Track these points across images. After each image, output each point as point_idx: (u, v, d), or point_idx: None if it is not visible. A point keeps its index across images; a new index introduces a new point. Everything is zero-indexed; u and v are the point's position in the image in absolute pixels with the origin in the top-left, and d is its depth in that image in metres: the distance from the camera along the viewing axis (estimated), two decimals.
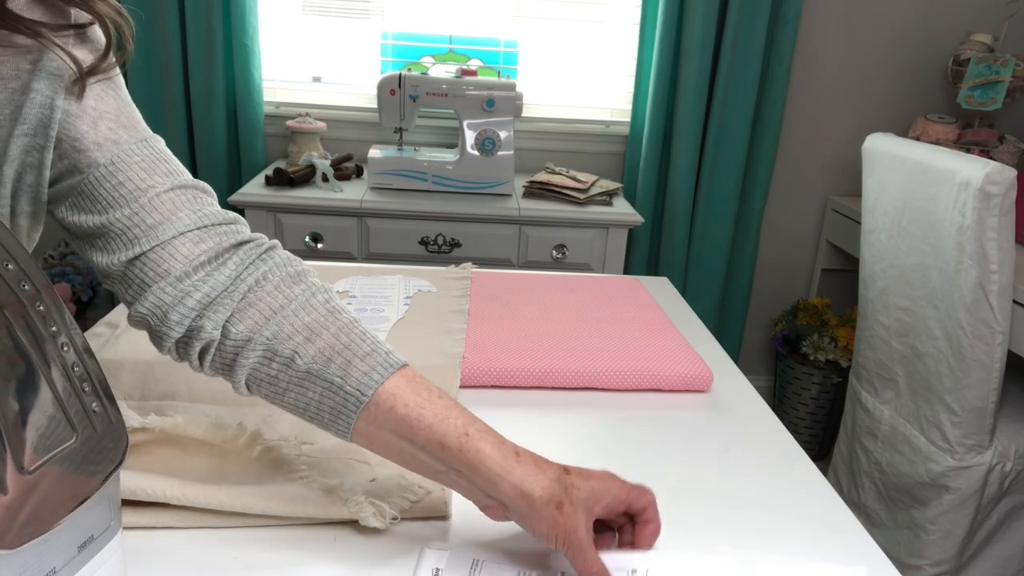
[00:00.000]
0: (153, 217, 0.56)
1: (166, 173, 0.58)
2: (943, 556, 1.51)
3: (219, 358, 0.57)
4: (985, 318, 1.34)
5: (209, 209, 0.60)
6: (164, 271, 0.56)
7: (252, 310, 0.56)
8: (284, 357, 0.55)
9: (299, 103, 2.21)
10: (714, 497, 0.68)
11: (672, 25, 2.05)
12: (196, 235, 0.57)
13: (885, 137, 1.58)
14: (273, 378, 0.56)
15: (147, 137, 0.59)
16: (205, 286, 0.56)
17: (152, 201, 0.57)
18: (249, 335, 0.56)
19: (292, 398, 0.56)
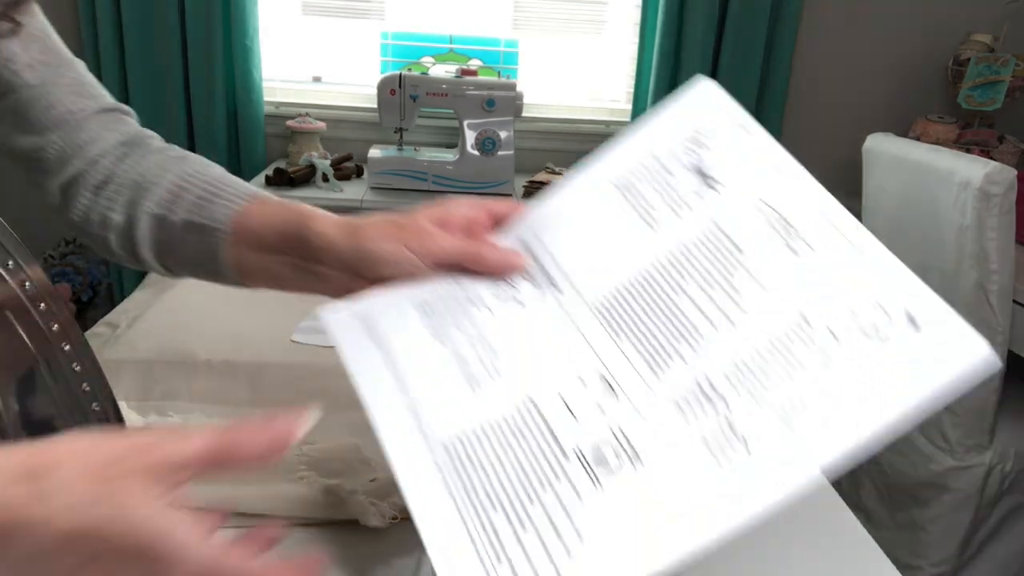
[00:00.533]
0: (82, 137, 0.61)
1: (92, 97, 0.63)
2: (943, 556, 1.51)
3: (127, 241, 0.60)
4: (985, 318, 1.34)
5: (130, 128, 0.64)
6: (89, 184, 0.61)
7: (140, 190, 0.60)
8: (165, 219, 0.59)
9: (299, 103, 2.21)
10: None
11: (672, 25, 2.05)
12: (119, 149, 0.62)
13: (885, 137, 1.58)
14: (166, 242, 0.59)
15: (71, 61, 0.63)
16: (112, 184, 0.61)
17: (81, 123, 0.61)
18: (138, 210, 0.60)
19: (185, 258, 0.60)
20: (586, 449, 0.40)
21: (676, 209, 0.47)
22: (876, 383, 0.37)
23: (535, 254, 0.50)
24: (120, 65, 2.02)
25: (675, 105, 0.51)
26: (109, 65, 2.01)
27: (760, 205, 0.45)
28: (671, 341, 0.43)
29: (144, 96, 2.05)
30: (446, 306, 0.48)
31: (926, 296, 0.39)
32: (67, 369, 0.42)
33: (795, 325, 0.40)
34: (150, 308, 0.93)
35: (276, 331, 0.89)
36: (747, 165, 0.47)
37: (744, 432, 0.38)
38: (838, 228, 0.43)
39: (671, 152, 0.49)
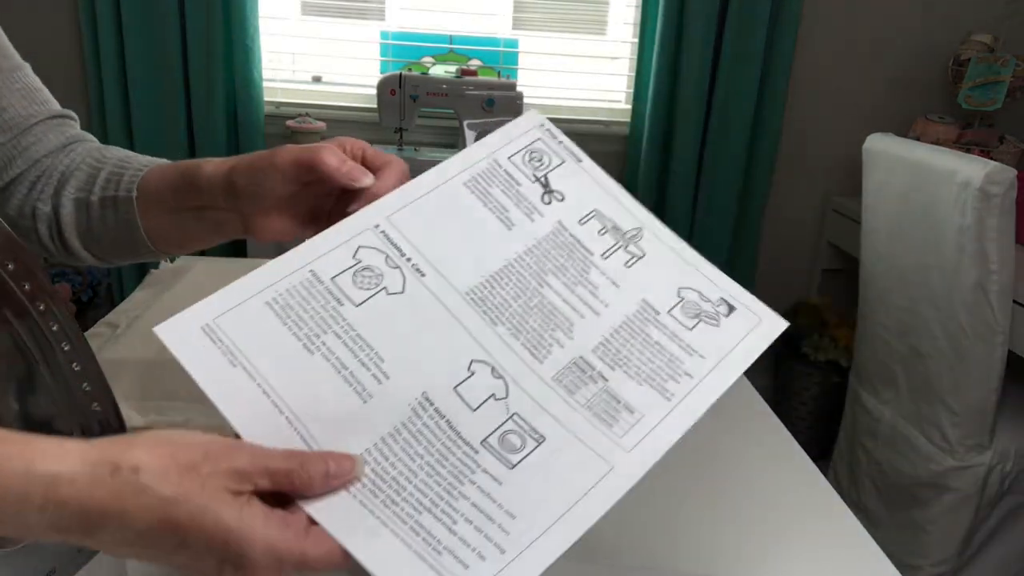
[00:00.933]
0: (27, 140, 0.62)
1: (42, 102, 0.64)
2: (943, 556, 1.51)
3: (56, 232, 0.62)
4: (985, 318, 1.34)
5: (72, 132, 0.66)
6: (25, 181, 0.63)
7: (63, 179, 0.62)
8: (84, 201, 0.61)
9: (299, 103, 2.21)
10: (714, 497, 0.68)
11: (672, 25, 2.05)
12: (58, 154, 0.64)
13: (885, 137, 1.58)
14: (88, 227, 0.61)
15: (22, 65, 0.64)
16: (43, 179, 0.63)
17: (30, 129, 0.63)
18: (61, 198, 0.62)
19: (106, 238, 0.61)
20: (493, 439, 0.42)
21: (528, 213, 0.52)
22: (718, 351, 0.48)
23: (391, 238, 0.49)
24: (120, 65, 2.02)
25: (510, 128, 0.57)
26: (109, 65, 2.01)
27: (597, 214, 0.54)
28: (547, 328, 0.47)
29: (144, 96, 2.05)
30: (306, 304, 0.44)
31: (732, 285, 0.52)
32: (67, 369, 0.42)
33: (644, 312, 0.49)
34: (150, 308, 0.93)
35: None
36: (581, 183, 0.55)
37: (626, 399, 0.45)
38: (659, 236, 0.53)
39: (513, 163, 0.54)
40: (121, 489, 0.33)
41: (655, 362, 0.47)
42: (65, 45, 2.09)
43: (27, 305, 0.40)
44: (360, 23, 2.22)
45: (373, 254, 0.47)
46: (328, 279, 0.45)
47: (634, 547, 0.60)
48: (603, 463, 0.43)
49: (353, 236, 0.48)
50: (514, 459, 0.42)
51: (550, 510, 0.40)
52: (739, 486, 0.69)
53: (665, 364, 0.47)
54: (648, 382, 0.46)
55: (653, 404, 0.45)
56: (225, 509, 0.34)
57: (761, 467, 0.73)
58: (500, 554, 0.38)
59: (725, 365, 0.47)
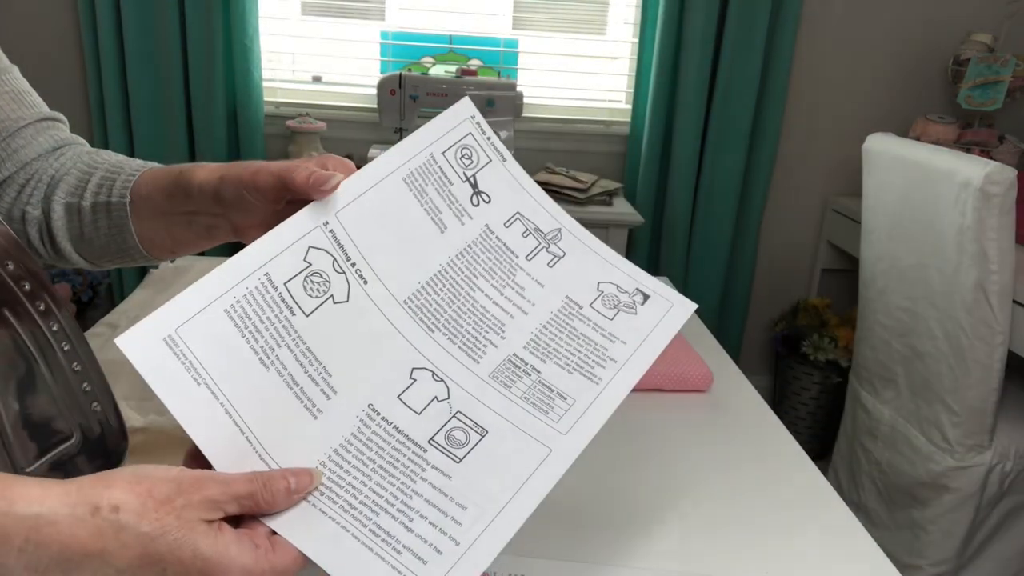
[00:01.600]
0: (17, 143, 0.63)
1: (31, 105, 0.65)
2: (943, 556, 1.51)
3: (47, 234, 0.63)
4: (985, 318, 1.34)
5: (62, 135, 0.66)
6: (14, 183, 0.63)
7: (54, 184, 0.63)
8: (75, 206, 0.61)
9: (299, 103, 2.21)
10: (714, 497, 0.68)
11: (672, 25, 2.05)
12: (48, 157, 0.64)
13: (885, 137, 1.58)
14: (79, 231, 0.62)
15: (9, 68, 0.64)
16: (33, 182, 0.63)
17: (20, 131, 0.63)
18: (52, 202, 0.62)
19: (98, 242, 0.62)
20: (439, 437, 0.46)
21: (459, 216, 0.55)
22: (637, 336, 0.53)
23: (337, 238, 0.50)
24: (120, 65, 2.02)
25: (442, 118, 0.58)
26: (109, 65, 2.01)
27: (520, 217, 0.58)
28: (480, 331, 0.52)
29: (144, 96, 2.05)
30: (262, 313, 0.45)
31: (645, 277, 0.58)
32: (67, 369, 0.42)
33: (569, 307, 0.54)
34: (150, 308, 0.93)
35: None
36: (505, 184, 0.58)
37: (559, 387, 0.50)
38: (575, 235, 0.58)
39: (446, 159, 0.57)
40: (102, 528, 0.34)
41: (582, 352, 0.52)
42: (65, 45, 2.09)
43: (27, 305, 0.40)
44: (360, 23, 2.22)
45: (322, 256, 0.49)
46: (281, 284, 0.47)
47: (634, 547, 0.60)
48: (542, 447, 0.46)
49: (303, 235, 0.48)
50: (460, 453, 0.45)
51: (498, 497, 0.43)
52: (739, 486, 0.69)
53: (591, 352, 0.52)
54: (577, 370, 0.51)
55: (583, 389, 0.50)
56: (201, 539, 0.36)
57: (761, 467, 0.73)
58: (455, 546, 0.41)
59: (645, 347, 0.53)
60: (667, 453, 0.74)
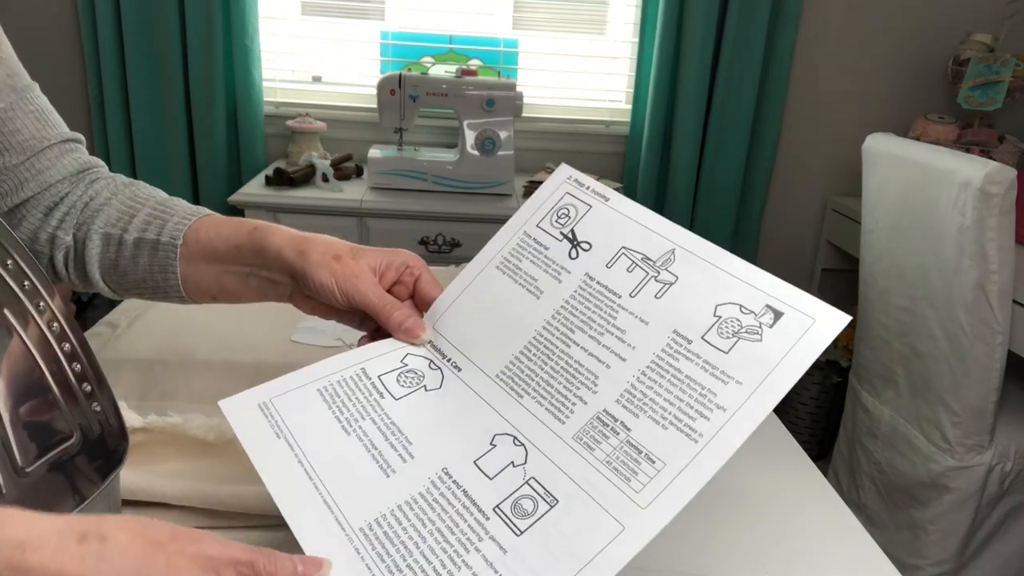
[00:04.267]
0: (41, 164, 0.63)
1: (55, 124, 0.65)
2: (943, 556, 1.51)
3: (76, 261, 0.63)
4: (985, 318, 1.34)
5: (83, 157, 0.67)
6: (39, 206, 0.63)
7: (90, 212, 0.63)
8: (116, 238, 0.62)
9: (299, 103, 2.21)
10: (713, 497, 0.68)
11: (672, 25, 2.05)
12: (72, 179, 0.65)
13: (885, 137, 1.58)
14: (114, 262, 0.62)
15: (32, 85, 0.64)
16: (62, 206, 0.64)
17: (44, 151, 0.63)
18: (88, 231, 0.62)
19: (134, 275, 0.62)
20: (505, 506, 0.43)
21: (555, 275, 0.53)
22: (758, 371, 0.43)
23: (436, 346, 0.53)
24: (120, 65, 2.02)
25: (540, 192, 0.57)
26: (109, 65, 2.01)
27: (624, 251, 0.52)
28: (570, 389, 0.47)
29: (144, 96, 2.05)
30: (352, 394, 0.49)
31: (779, 287, 0.46)
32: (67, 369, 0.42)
33: (674, 343, 0.46)
34: (150, 308, 0.93)
35: (276, 331, 0.89)
36: (608, 222, 0.54)
37: (648, 449, 0.43)
38: (694, 252, 0.49)
39: (542, 229, 0.55)
40: (85, 556, 0.33)
41: (684, 399, 0.44)
42: (65, 45, 2.09)
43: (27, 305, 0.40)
44: (360, 23, 2.21)
45: (418, 360, 0.52)
46: (375, 376, 0.50)
47: None
48: (615, 524, 0.41)
49: (403, 346, 0.53)
50: (523, 525, 0.42)
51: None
52: (738, 486, 0.69)
53: (695, 400, 0.44)
54: (675, 424, 0.43)
55: (677, 449, 0.42)
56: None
57: (761, 467, 0.73)
58: None
59: (766, 387, 0.43)
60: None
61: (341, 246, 0.57)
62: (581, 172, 0.57)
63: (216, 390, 0.75)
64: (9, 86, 0.61)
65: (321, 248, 0.56)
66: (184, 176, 2.12)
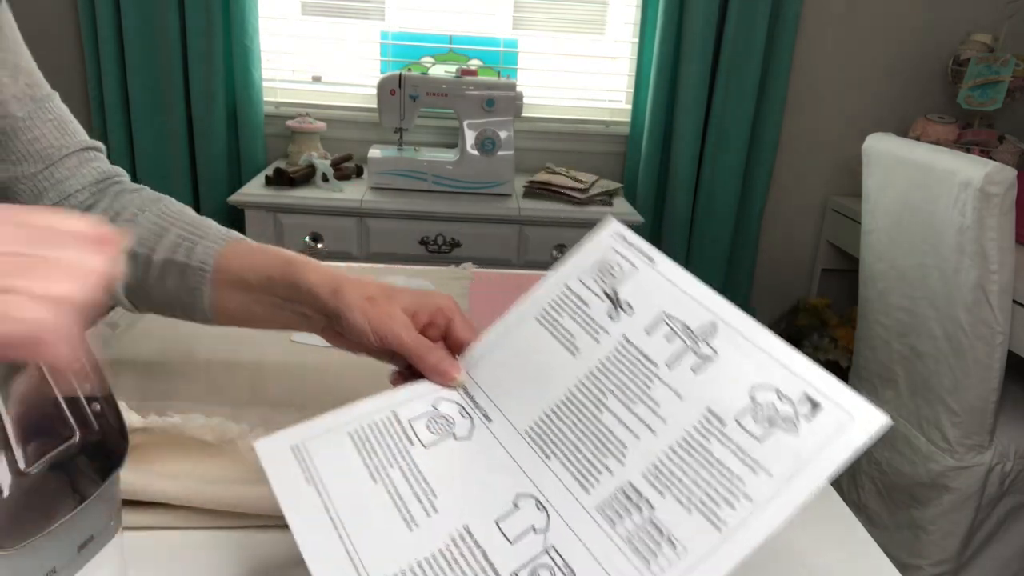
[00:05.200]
0: (60, 174, 0.63)
1: (73, 133, 0.65)
2: (943, 556, 1.51)
3: None
4: (985, 318, 1.34)
5: (103, 166, 0.67)
6: None
7: (115, 226, 0.62)
8: (143, 257, 0.61)
9: (299, 103, 2.21)
10: None
11: (672, 25, 2.05)
12: (91, 189, 0.64)
13: (885, 137, 1.58)
14: (140, 281, 0.62)
15: (52, 94, 0.65)
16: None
17: (63, 160, 0.63)
18: None
19: (159, 295, 0.62)
20: (523, 573, 0.42)
21: (593, 334, 0.52)
22: (790, 464, 0.41)
23: (469, 391, 0.53)
24: (120, 65, 2.02)
25: (586, 244, 0.56)
26: (109, 65, 2.01)
27: (666, 318, 0.50)
28: (598, 456, 0.46)
29: (144, 96, 2.05)
30: (382, 439, 0.49)
31: (819, 376, 0.44)
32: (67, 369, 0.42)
33: (707, 423, 0.44)
34: None
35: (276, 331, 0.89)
36: (652, 286, 0.52)
37: (670, 531, 0.41)
38: (735, 327, 0.47)
39: (584, 284, 0.54)
40: None
41: (712, 483, 0.42)
42: (65, 45, 2.09)
43: None
44: (360, 23, 2.22)
45: (450, 405, 0.52)
46: (406, 420, 0.50)
47: None
48: None
49: (436, 390, 0.53)
50: None
51: None
52: None
53: (722, 486, 0.42)
54: (700, 508, 0.42)
55: (700, 535, 0.41)
56: None
57: None
58: None
59: (798, 482, 0.40)
60: None
61: (375, 287, 0.57)
62: (628, 229, 0.55)
63: (216, 390, 0.75)
64: (28, 95, 0.61)
65: (355, 289, 0.56)
66: (184, 176, 2.12)
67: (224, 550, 0.56)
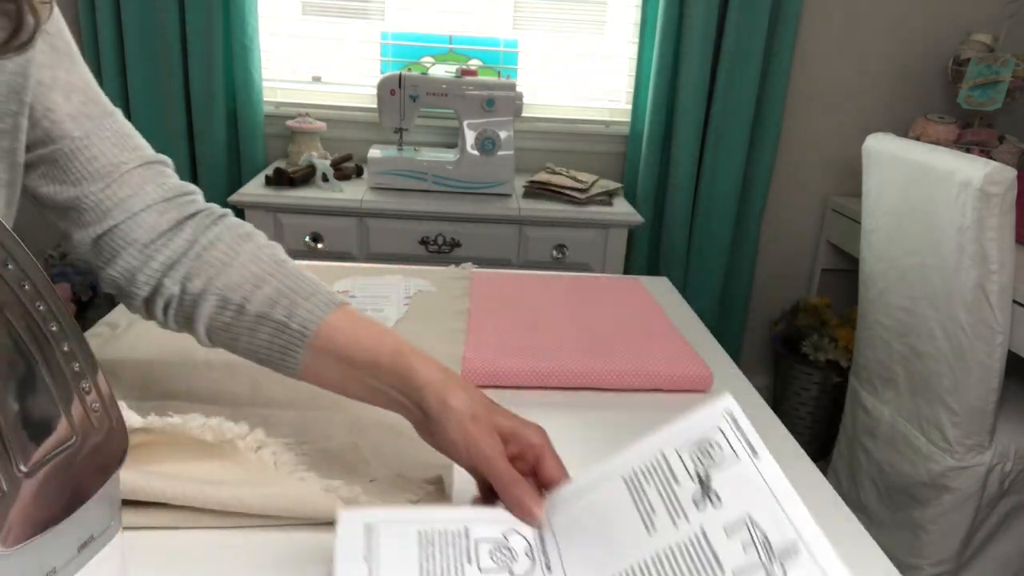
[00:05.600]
0: (124, 191, 0.61)
1: (134, 149, 0.64)
2: (943, 556, 1.51)
3: (180, 312, 0.62)
4: (985, 318, 1.34)
5: (171, 182, 0.65)
6: (133, 240, 0.61)
7: (206, 266, 0.61)
8: (236, 304, 0.60)
9: (299, 103, 2.21)
10: None
11: (672, 25, 2.05)
12: (161, 207, 0.63)
13: (885, 137, 1.58)
14: (228, 325, 0.60)
15: (112, 112, 0.64)
16: (167, 250, 0.61)
17: (123, 177, 0.61)
18: (203, 287, 0.60)
19: (246, 342, 0.60)
20: None
21: (674, 516, 0.50)
22: None
23: (542, 532, 0.53)
24: (120, 65, 2.02)
25: (695, 415, 0.55)
26: (109, 65, 2.01)
27: (749, 524, 0.48)
28: None
29: (144, 96, 2.05)
30: (445, 549, 0.50)
31: None
32: (67, 369, 0.42)
33: None
34: None
35: None
36: (746, 483, 0.50)
37: None
38: (815, 556, 0.46)
39: (680, 457, 0.53)
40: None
41: None
42: None
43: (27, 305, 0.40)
44: (360, 23, 2.22)
45: (519, 540, 0.53)
46: (473, 539, 0.52)
47: None
48: None
49: (514, 522, 0.54)
50: None
51: None
52: None
53: None
54: None
55: None
56: None
57: None
58: None
59: None
60: None
61: (480, 403, 0.56)
62: (742, 412, 0.53)
63: (216, 390, 0.75)
64: (84, 113, 0.60)
65: (462, 402, 0.55)
66: (184, 176, 2.08)
67: (224, 550, 0.56)
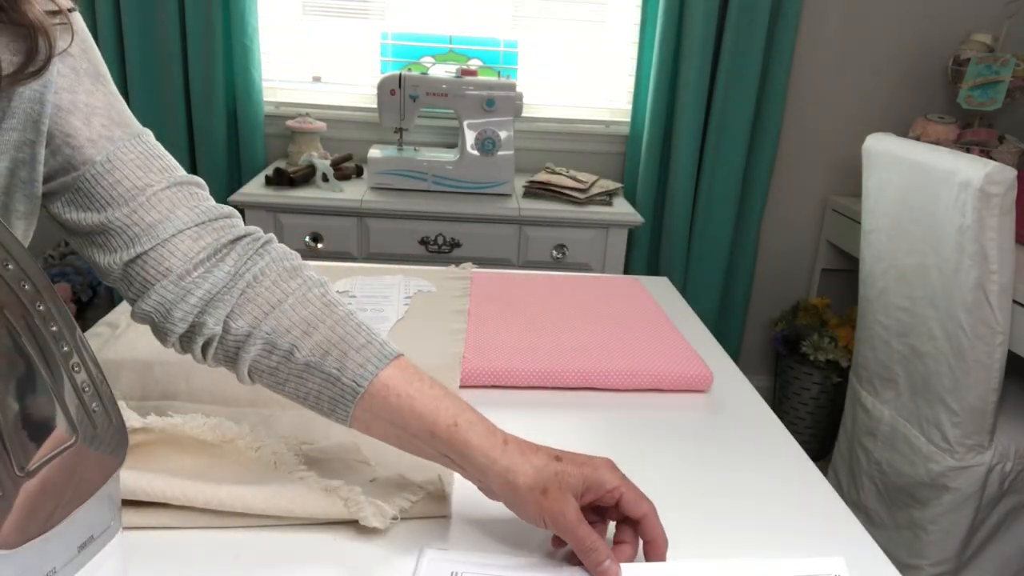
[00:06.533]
0: (152, 216, 0.57)
1: (161, 170, 0.59)
2: (943, 556, 1.51)
3: (221, 352, 0.59)
4: (985, 318, 1.34)
5: (205, 204, 0.61)
6: (166, 269, 0.57)
7: (251, 305, 0.58)
8: (283, 350, 0.57)
9: (299, 103, 2.21)
10: (714, 497, 0.68)
11: (672, 25, 2.05)
12: (194, 232, 0.58)
13: (885, 137, 1.58)
14: (274, 369, 0.58)
15: (139, 132, 0.60)
16: (206, 283, 0.57)
17: (150, 200, 0.57)
18: (249, 330, 0.57)
19: (292, 388, 0.58)
20: None
21: None
22: None
23: None
24: (120, 65, 2.02)
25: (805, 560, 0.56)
26: (109, 65, 2.00)
27: None
28: None
29: (144, 96, 2.05)
30: None
31: None
32: (67, 369, 0.42)
33: None
34: None
35: None
36: None
37: None
38: None
39: None
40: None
41: None
42: None
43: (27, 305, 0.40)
44: (360, 23, 2.22)
45: None
46: None
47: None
48: None
49: None
50: None
51: None
52: (738, 486, 0.69)
53: None
54: None
55: None
56: None
57: (761, 467, 0.73)
58: None
59: None
60: (667, 453, 0.75)
61: (547, 472, 0.53)
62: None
63: (216, 390, 0.75)
64: (105, 136, 0.57)
65: (529, 479, 0.53)
66: None
67: (224, 550, 0.56)
